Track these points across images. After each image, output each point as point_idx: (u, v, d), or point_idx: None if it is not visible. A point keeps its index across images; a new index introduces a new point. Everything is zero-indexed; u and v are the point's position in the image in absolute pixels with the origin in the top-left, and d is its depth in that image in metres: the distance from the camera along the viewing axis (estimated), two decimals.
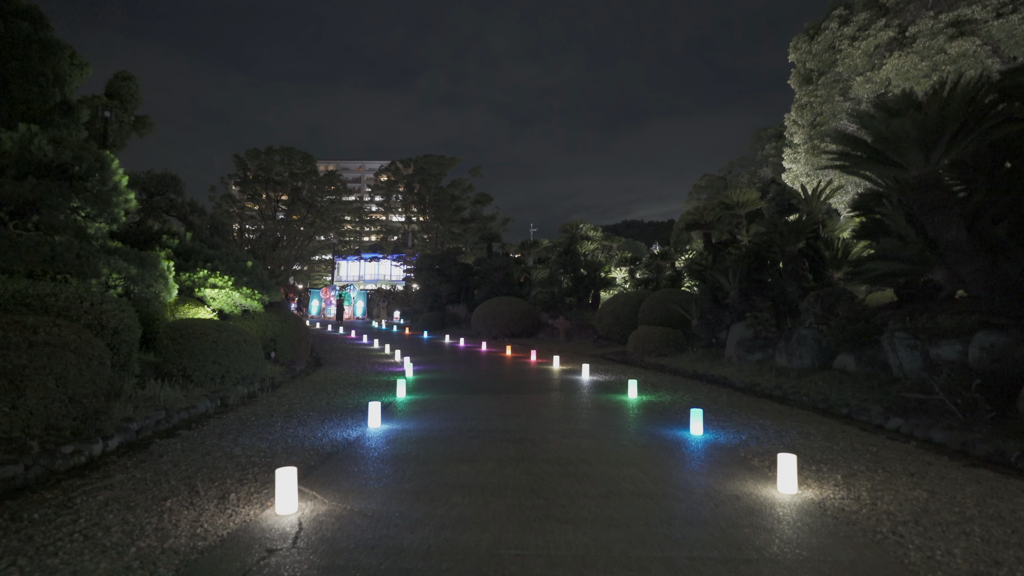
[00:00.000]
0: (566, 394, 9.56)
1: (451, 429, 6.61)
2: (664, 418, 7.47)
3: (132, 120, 29.22)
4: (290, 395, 9.18)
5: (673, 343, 15.49)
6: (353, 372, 12.38)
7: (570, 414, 7.74)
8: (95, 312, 7.75)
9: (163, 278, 9.27)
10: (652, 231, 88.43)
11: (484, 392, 9.66)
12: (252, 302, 12.18)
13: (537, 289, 27.84)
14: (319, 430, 6.62)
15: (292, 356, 12.70)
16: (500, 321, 23.36)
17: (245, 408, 8.09)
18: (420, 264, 31.08)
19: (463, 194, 49.00)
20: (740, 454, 5.63)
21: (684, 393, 9.66)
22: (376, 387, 10.14)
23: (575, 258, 24.83)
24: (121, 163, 12.96)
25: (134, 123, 29.35)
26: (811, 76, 20.89)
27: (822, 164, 18.11)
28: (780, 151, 33.89)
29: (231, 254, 12.73)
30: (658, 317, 17.31)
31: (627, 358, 15.86)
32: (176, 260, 12.32)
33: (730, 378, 11.55)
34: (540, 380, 11.42)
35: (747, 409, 8.14)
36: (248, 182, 45.05)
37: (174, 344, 8.99)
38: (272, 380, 10.61)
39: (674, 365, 13.90)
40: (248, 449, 5.72)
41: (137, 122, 29.44)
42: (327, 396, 9.11)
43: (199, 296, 11.75)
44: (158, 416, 7.11)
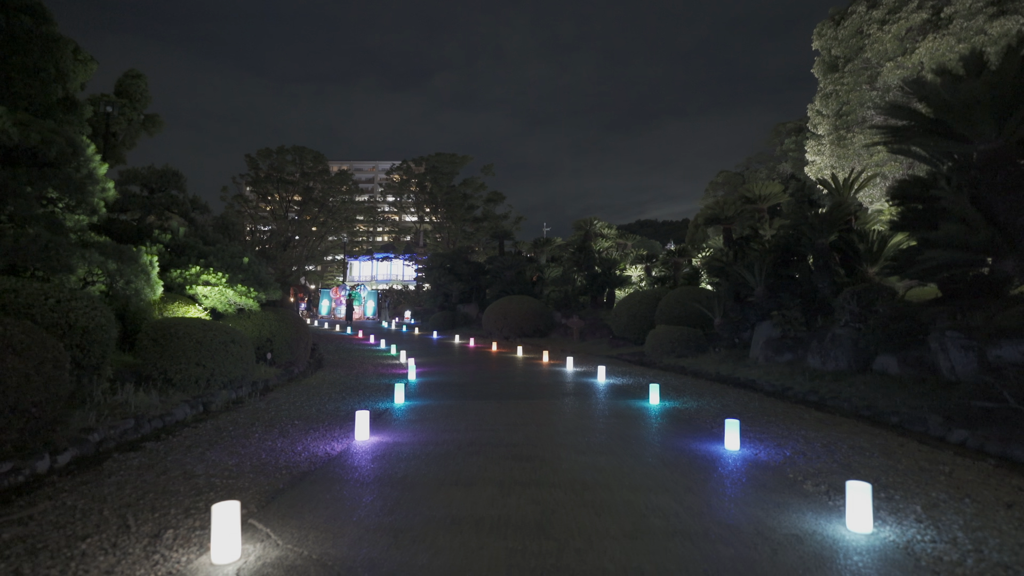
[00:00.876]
0: (580, 400, 8.65)
1: (449, 443, 5.74)
2: (692, 429, 6.54)
3: (142, 119, 28.79)
4: (280, 400, 8.37)
5: (693, 343, 14.51)
6: (353, 375, 11.57)
7: (585, 424, 6.83)
8: (61, 310, 7.01)
9: (145, 273, 8.51)
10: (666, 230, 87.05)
11: (490, 397, 8.78)
12: (248, 300, 11.42)
13: (550, 288, 26.91)
14: (300, 443, 5.78)
15: (290, 357, 11.93)
16: (511, 321, 22.47)
17: (227, 415, 7.29)
18: (431, 263, 30.27)
19: (475, 193, 48.13)
20: (788, 475, 4.70)
21: (710, 399, 8.71)
22: (374, 391, 9.31)
23: (589, 255, 23.86)
24: (132, 163, 12.17)
25: (143, 122, 28.92)
26: (837, 63, 19.76)
27: (867, 143, 16.94)
28: (800, 145, 32.65)
29: (227, 250, 11.99)
30: (677, 316, 16.33)
31: (644, 359, 14.90)
32: (169, 256, 11.61)
33: (758, 381, 10.58)
34: (552, 383, 10.53)
35: (784, 417, 7.18)
36: (260, 181, 44.56)
37: (154, 345, 8.23)
38: (266, 383, 9.83)
39: (695, 367, 12.92)
40: (213, 467, 4.90)
41: (147, 121, 29.01)
42: (319, 402, 8.29)
43: (191, 294, 11.01)
44: (125, 426, 6.33)
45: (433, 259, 30.39)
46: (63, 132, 7.61)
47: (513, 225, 44.70)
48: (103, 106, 18.54)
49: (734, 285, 14.34)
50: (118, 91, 27.32)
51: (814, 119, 21.57)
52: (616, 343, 19.02)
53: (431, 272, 29.99)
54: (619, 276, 24.18)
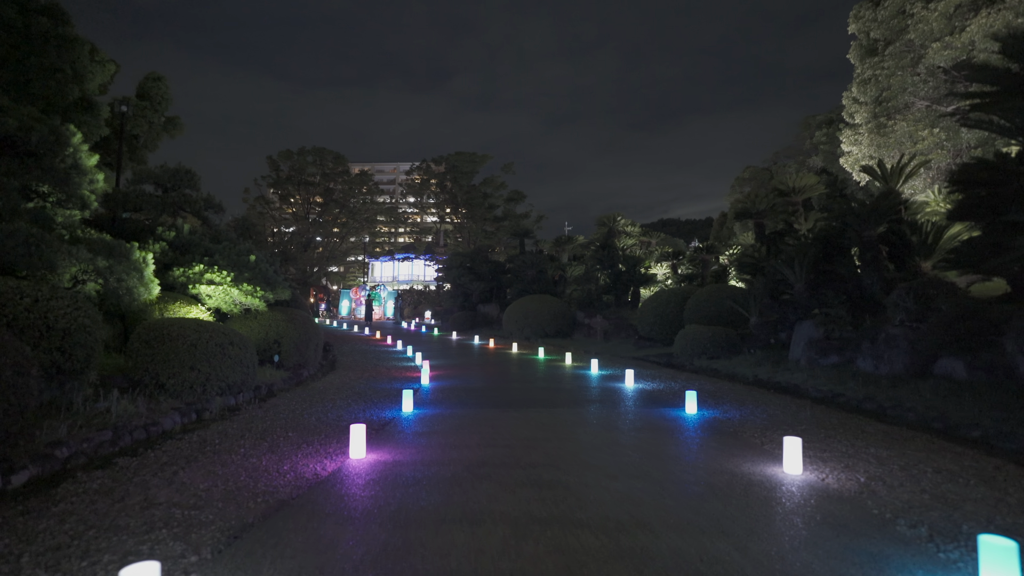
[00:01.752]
0: (608, 408, 7.75)
1: (457, 463, 4.90)
2: (740, 445, 5.60)
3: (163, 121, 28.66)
4: (280, 408, 7.64)
5: (726, 344, 13.48)
6: (364, 378, 10.83)
7: (615, 439, 5.93)
8: (38, 310, 6.36)
9: (137, 271, 7.87)
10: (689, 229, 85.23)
11: (508, 406, 7.93)
12: (253, 300, 10.77)
13: (572, 287, 25.97)
14: (288, 460, 5.01)
15: (299, 360, 11.24)
16: (533, 321, 21.60)
17: (219, 425, 6.57)
18: (450, 262, 29.53)
19: (495, 192, 47.27)
20: (871, 510, 3.76)
21: (753, 407, 7.73)
22: (383, 398, 8.53)
23: (613, 253, 22.85)
24: (153, 165, 11.63)
25: (164, 124, 28.79)
26: (876, 47, 18.47)
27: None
28: (832, 138, 31.13)
29: (233, 248, 11.37)
30: (707, 315, 15.30)
31: (673, 361, 13.91)
32: (172, 254, 11.03)
33: (802, 386, 9.56)
34: (576, 389, 9.64)
35: (843, 431, 6.19)
36: (281, 183, 44.37)
37: (146, 348, 7.57)
38: (270, 387, 9.13)
39: (729, 369, 11.91)
40: (180, 491, 4.14)
41: (167, 123, 28.86)
42: (321, 409, 7.54)
43: (193, 293, 10.39)
44: (101, 438, 5.64)
45: (453, 258, 29.64)
46: (45, 120, 7.00)
47: (534, 224, 43.73)
48: (118, 106, 18.18)
49: (771, 282, 13.27)
50: (139, 94, 27.19)
51: (850, 107, 20.26)
52: (642, 344, 18.03)
53: (451, 271, 29.25)
54: (644, 274, 23.14)
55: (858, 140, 19.85)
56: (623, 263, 22.90)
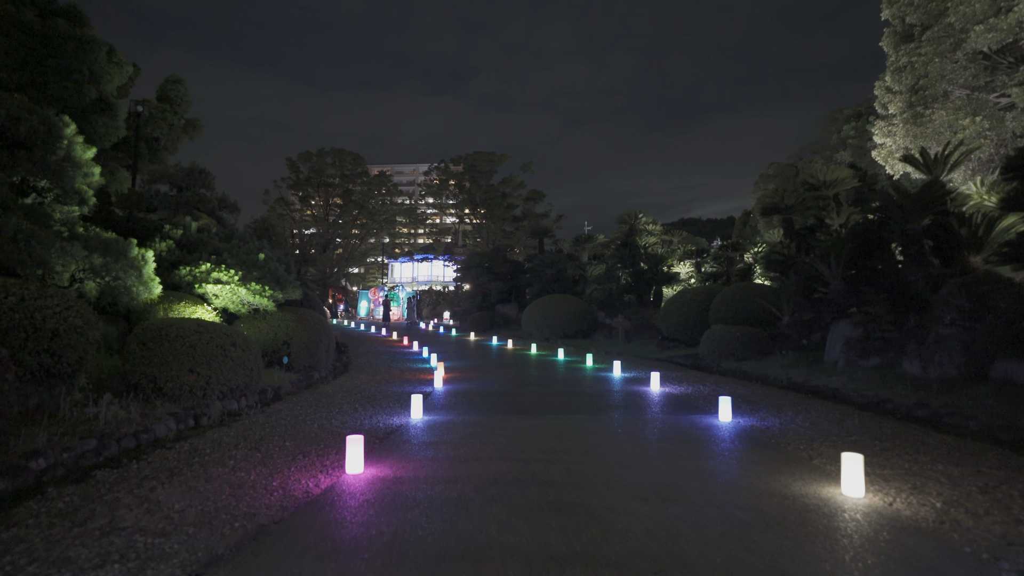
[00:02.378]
0: (634, 415, 7.12)
1: (465, 480, 4.33)
2: (786, 461, 4.93)
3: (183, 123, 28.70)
4: (283, 413, 7.16)
5: (755, 345, 12.72)
6: (376, 381, 10.34)
7: (644, 451, 5.31)
8: (24, 310, 5.95)
9: (135, 269, 7.46)
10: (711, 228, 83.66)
11: (525, 411, 7.34)
12: (262, 300, 10.34)
13: (593, 286, 25.27)
14: (279, 474, 4.49)
15: (309, 362, 10.79)
16: (552, 321, 20.97)
17: (214, 433, 6.09)
18: (468, 262, 29.01)
19: (514, 191, 46.67)
20: (961, 546, 3.09)
21: (792, 414, 7.03)
22: (393, 402, 8.01)
23: (634, 251, 22.11)
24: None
25: (184, 126, 28.84)
26: (912, 32, 17.48)
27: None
28: (862, 131, 29.94)
29: (242, 246, 10.98)
30: (734, 315, 14.54)
31: (699, 363, 13.18)
32: (179, 253, 10.66)
33: (842, 390, 8.80)
34: (598, 393, 9.01)
35: (901, 443, 5.48)
36: (300, 184, 44.35)
37: (143, 350, 7.15)
38: (277, 391, 8.68)
39: (760, 372, 11.17)
40: (151, 512, 3.64)
41: (187, 125, 28.90)
42: (326, 415, 7.03)
43: (200, 293, 9.99)
44: (84, 447, 5.19)
45: (471, 258, 29.13)
46: (36, 110, 6.61)
47: (553, 223, 43.04)
48: (133, 106, 18.04)
49: (803, 279, 12.47)
50: (159, 96, 27.23)
51: (883, 97, 19.25)
52: (665, 344, 17.30)
53: (469, 271, 28.75)
54: (666, 273, 22.36)
55: (892, 131, 18.83)
56: (645, 262, 22.15)
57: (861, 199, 20.90)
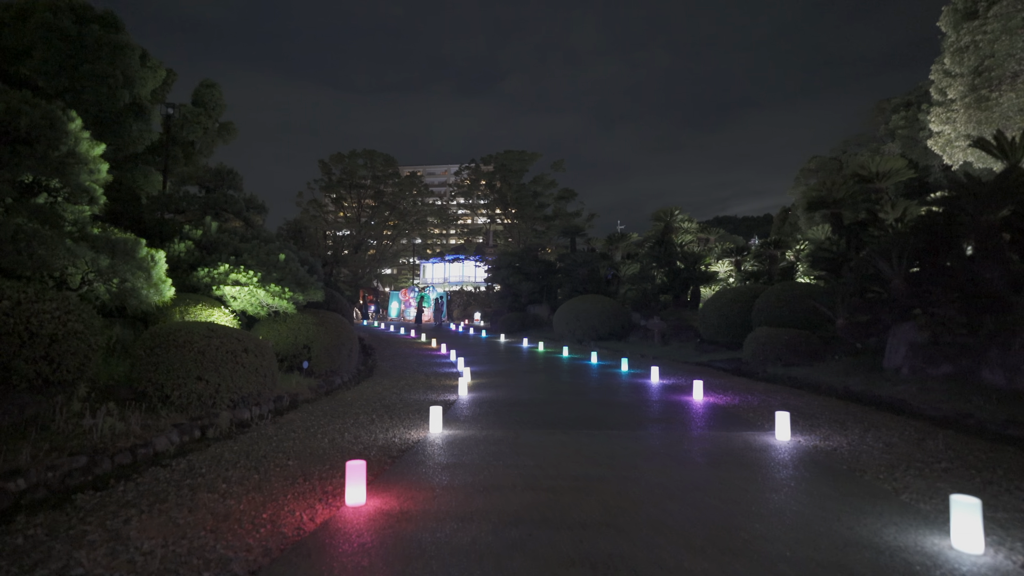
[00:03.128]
0: (677, 431, 6.34)
1: (482, 518, 3.65)
2: (870, 495, 4.10)
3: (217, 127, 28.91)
4: (295, 425, 6.62)
5: (805, 349, 11.72)
6: (398, 388, 9.78)
7: (693, 478, 4.55)
8: (19, 314, 5.54)
9: (144, 271, 7.04)
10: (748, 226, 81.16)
11: (555, 425, 6.64)
12: (281, 302, 9.90)
13: (627, 287, 24.35)
14: (272, 503, 3.90)
15: (331, 366, 10.31)
16: (585, 322, 20.16)
17: (217, 447, 5.59)
18: (499, 262, 28.37)
19: (545, 190, 45.83)
20: None
21: (860, 431, 6.14)
22: (414, 413, 7.41)
23: (670, 249, 21.11)
24: None
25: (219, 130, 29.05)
26: (976, 9, 16.06)
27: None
28: (912, 121, 28.16)
29: (262, 247, 10.58)
30: (779, 316, 13.51)
31: (743, 368, 12.24)
32: (198, 254, 10.32)
33: (911, 402, 7.82)
34: (636, 403, 8.24)
35: (1008, 473, 4.58)
36: (332, 185, 44.49)
37: (149, 356, 6.72)
38: (293, 398, 8.19)
39: (812, 379, 10.20)
40: (112, 553, 3.10)
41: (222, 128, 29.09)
42: (340, 428, 6.47)
43: (217, 295, 9.61)
44: (72, 465, 4.73)
45: (501, 258, 28.48)
46: (38, 103, 6.24)
47: (585, 222, 42.02)
48: (163, 109, 18.03)
49: (859, 279, 11.41)
50: (194, 101, 27.47)
51: (940, 82, 17.84)
52: (704, 347, 16.34)
53: (499, 272, 28.11)
54: (704, 272, 21.29)
55: (951, 118, 17.42)
56: (681, 260, 21.13)
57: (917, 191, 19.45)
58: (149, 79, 20.47)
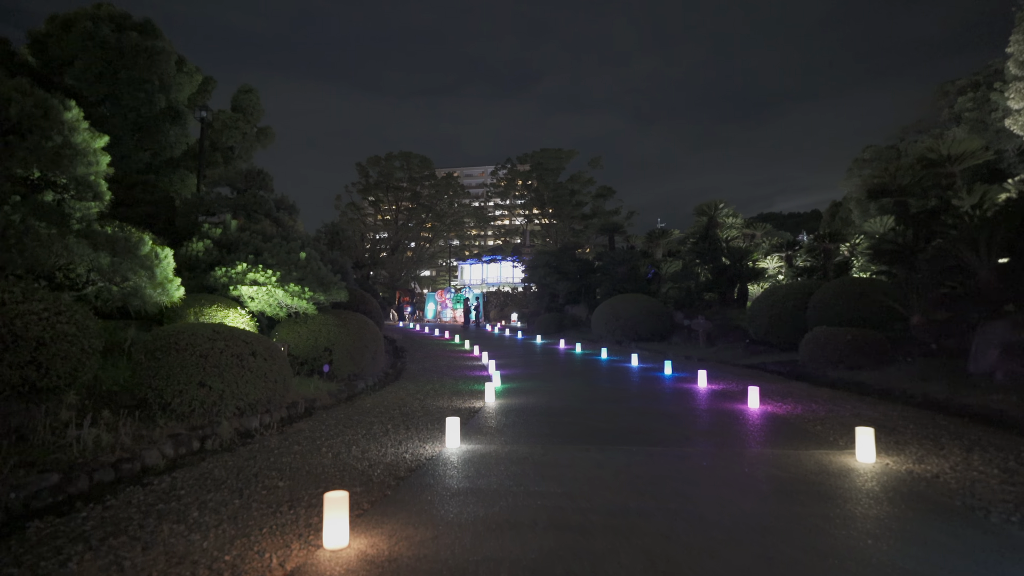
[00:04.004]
0: (734, 449, 5.38)
1: (488, 569, 2.85)
2: (1011, 548, 3.10)
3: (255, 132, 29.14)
4: (302, 436, 5.98)
5: (872, 350, 10.47)
6: (423, 393, 9.08)
7: (761, 515, 3.62)
8: (3, 315, 5.07)
9: (146, 268, 6.55)
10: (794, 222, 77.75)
11: (590, 440, 5.78)
12: (300, 302, 9.35)
13: (668, 285, 23.12)
14: (240, 541, 3.20)
15: (353, 370, 9.71)
16: (624, 322, 19.11)
17: (209, 462, 4.97)
18: (535, 261, 27.51)
19: (583, 188, 44.69)
20: None
21: (963, 452, 5.05)
22: (433, 424, 6.67)
23: (715, 245, 19.83)
24: None
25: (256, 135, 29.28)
26: None
27: None
28: (981, 102, 25.91)
29: (284, 245, 10.09)
30: (839, 314, 12.22)
31: (800, 371, 11.06)
32: (217, 253, 9.89)
33: (1011, 413, 6.60)
34: (683, 413, 7.29)
35: None
36: (370, 188, 44.56)
37: (149, 360, 6.20)
38: (310, 405, 7.60)
39: (882, 384, 8.99)
40: None
41: (259, 133, 29.32)
42: (349, 440, 5.78)
43: (234, 295, 9.13)
44: (43, 483, 4.20)
45: (537, 257, 27.61)
46: (31, 90, 5.81)
47: (625, 220, 40.68)
48: (197, 112, 18.00)
49: (936, 272, 10.10)
50: (233, 107, 27.73)
51: (1020, 55, 16.07)
52: (754, 349, 15.11)
53: (536, 271, 27.25)
54: (752, 268, 19.91)
55: None
56: (727, 256, 19.82)
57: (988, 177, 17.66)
58: (186, 84, 20.57)
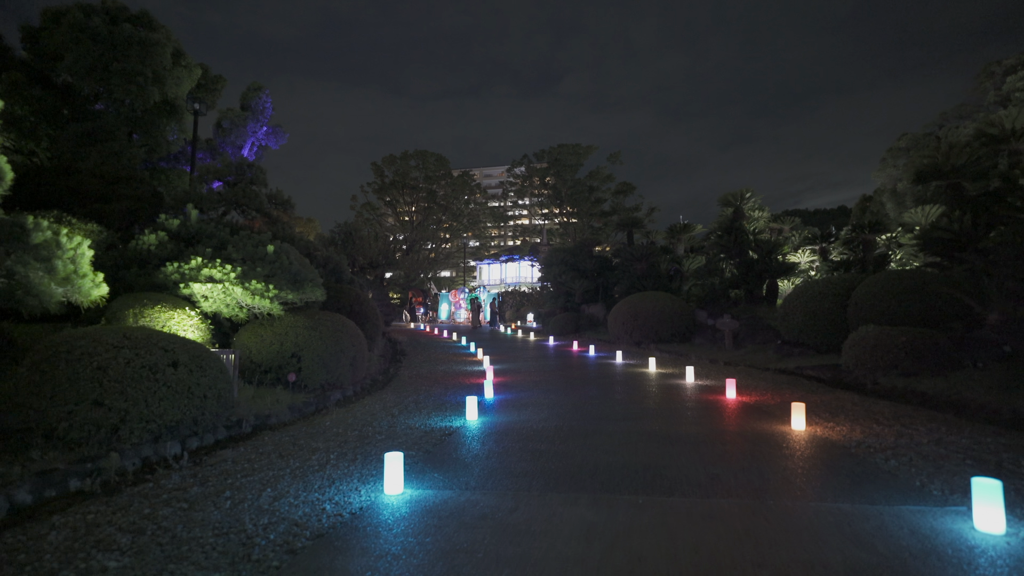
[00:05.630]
0: (782, 502, 3.81)
1: None
2: None
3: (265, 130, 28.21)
4: (214, 472, 4.58)
5: (932, 355, 8.72)
6: (401, 406, 7.66)
7: None
8: None
9: (43, 261, 5.26)
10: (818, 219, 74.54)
11: (584, 480, 4.26)
12: (263, 301, 8.01)
13: (691, 282, 21.38)
14: None
15: (327, 378, 8.34)
16: (643, 322, 17.45)
17: (61, 518, 3.61)
18: (550, 259, 25.92)
19: (602, 185, 42.83)
20: None
21: None
22: (393, 447, 5.23)
23: (741, 238, 18.03)
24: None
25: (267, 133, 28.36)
26: None
27: None
28: None
29: (250, 237, 8.79)
30: (888, 311, 10.48)
31: (844, 378, 9.36)
32: (173, 246, 8.62)
33: None
34: (708, 439, 5.71)
35: None
36: (385, 188, 43.50)
37: (33, 375, 4.88)
38: (262, 422, 6.24)
39: (952, 395, 7.26)
40: None
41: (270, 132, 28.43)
42: (266, 480, 4.36)
43: (185, 294, 7.83)
44: None
45: (552, 254, 26.01)
46: None
47: (646, 216, 38.77)
48: (190, 104, 16.93)
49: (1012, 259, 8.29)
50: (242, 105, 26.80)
51: None
52: (786, 351, 13.35)
53: (551, 269, 25.67)
54: (782, 263, 18.07)
55: None
56: (754, 250, 18.01)
57: None
58: (185, 79, 19.52)
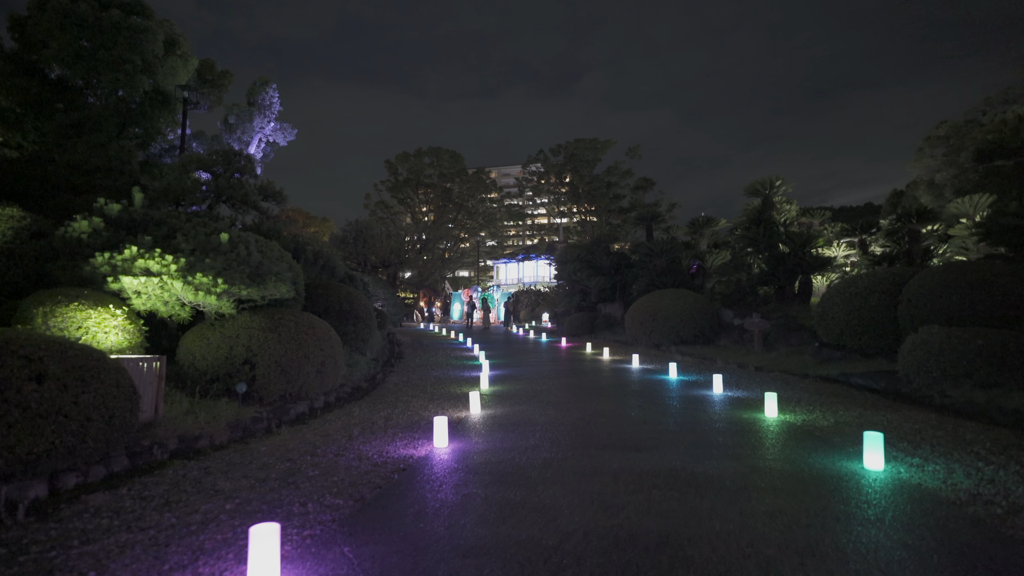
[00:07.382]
0: None
1: None
2: None
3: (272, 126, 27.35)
4: (59, 531, 3.25)
5: (1017, 359, 7.05)
6: (367, 426, 6.28)
7: None
8: None
9: None
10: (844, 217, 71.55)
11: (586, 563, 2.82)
12: (209, 298, 6.71)
13: (715, 279, 19.67)
14: None
15: (287, 388, 7.01)
16: (663, 322, 15.83)
17: None
18: (565, 256, 24.40)
19: (620, 180, 41.05)
20: None
21: None
22: (332, 493, 3.85)
23: (771, 230, 16.30)
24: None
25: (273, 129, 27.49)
26: None
27: None
28: None
29: (204, 224, 7.54)
30: (950, 310, 8.80)
31: (903, 388, 7.75)
32: (109, 234, 7.38)
33: None
34: (746, 483, 4.20)
35: None
36: (399, 185, 42.41)
37: None
38: (181, 447, 4.94)
39: None
40: None
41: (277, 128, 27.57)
42: (119, 543, 3.01)
43: (114, 289, 6.57)
44: None
45: (567, 251, 24.48)
46: None
47: (666, 212, 36.95)
48: (179, 92, 15.92)
49: None
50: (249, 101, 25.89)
51: None
52: (826, 355, 11.67)
53: (566, 266, 24.15)
54: (816, 257, 16.29)
55: None
56: (786, 243, 16.26)
57: None
58: (180, 69, 18.49)
